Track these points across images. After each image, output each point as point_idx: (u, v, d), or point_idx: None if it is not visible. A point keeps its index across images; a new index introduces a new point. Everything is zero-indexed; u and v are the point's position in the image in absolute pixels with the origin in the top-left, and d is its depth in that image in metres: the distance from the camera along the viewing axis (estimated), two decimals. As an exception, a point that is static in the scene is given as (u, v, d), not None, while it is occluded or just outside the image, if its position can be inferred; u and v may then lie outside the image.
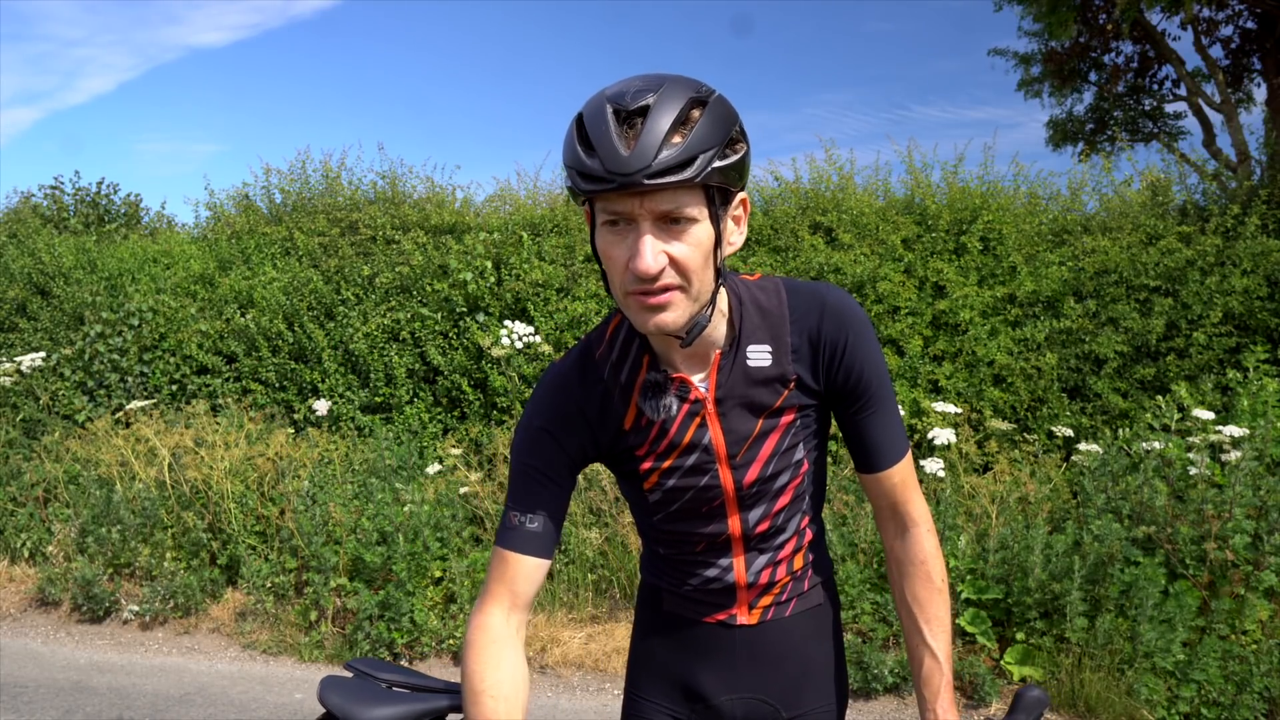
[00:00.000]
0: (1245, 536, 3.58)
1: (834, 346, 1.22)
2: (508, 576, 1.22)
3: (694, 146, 1.02)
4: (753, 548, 1.31)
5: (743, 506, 1.28)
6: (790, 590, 1.35)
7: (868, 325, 1.24)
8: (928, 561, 1.26)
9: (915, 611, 1.26)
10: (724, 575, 1.32)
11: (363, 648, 4.13)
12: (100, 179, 14.61)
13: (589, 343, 1.28)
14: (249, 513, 4.79)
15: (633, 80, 1.07)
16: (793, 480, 1.29)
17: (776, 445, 1.26)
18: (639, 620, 1.47)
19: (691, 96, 1.04)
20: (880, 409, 1.26)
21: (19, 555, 5.31)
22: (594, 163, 1.02)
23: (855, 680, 3.70)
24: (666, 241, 1.06)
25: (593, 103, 1.06)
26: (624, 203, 1.04)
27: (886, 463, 1.27)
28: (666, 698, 1.39)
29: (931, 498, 4.47)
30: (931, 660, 1.22)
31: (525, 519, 1.23)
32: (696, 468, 1.25)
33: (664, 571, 1.39)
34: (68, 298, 6.99)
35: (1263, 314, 4.90)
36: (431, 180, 7.25)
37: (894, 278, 5.34)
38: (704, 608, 1.35)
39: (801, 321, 1.23)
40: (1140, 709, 3.36)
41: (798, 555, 1.34)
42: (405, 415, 5.89)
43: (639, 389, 1.23)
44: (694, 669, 1.37)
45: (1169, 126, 13.97)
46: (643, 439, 1.25)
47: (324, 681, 1.61)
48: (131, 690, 3.96)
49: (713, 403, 1.22)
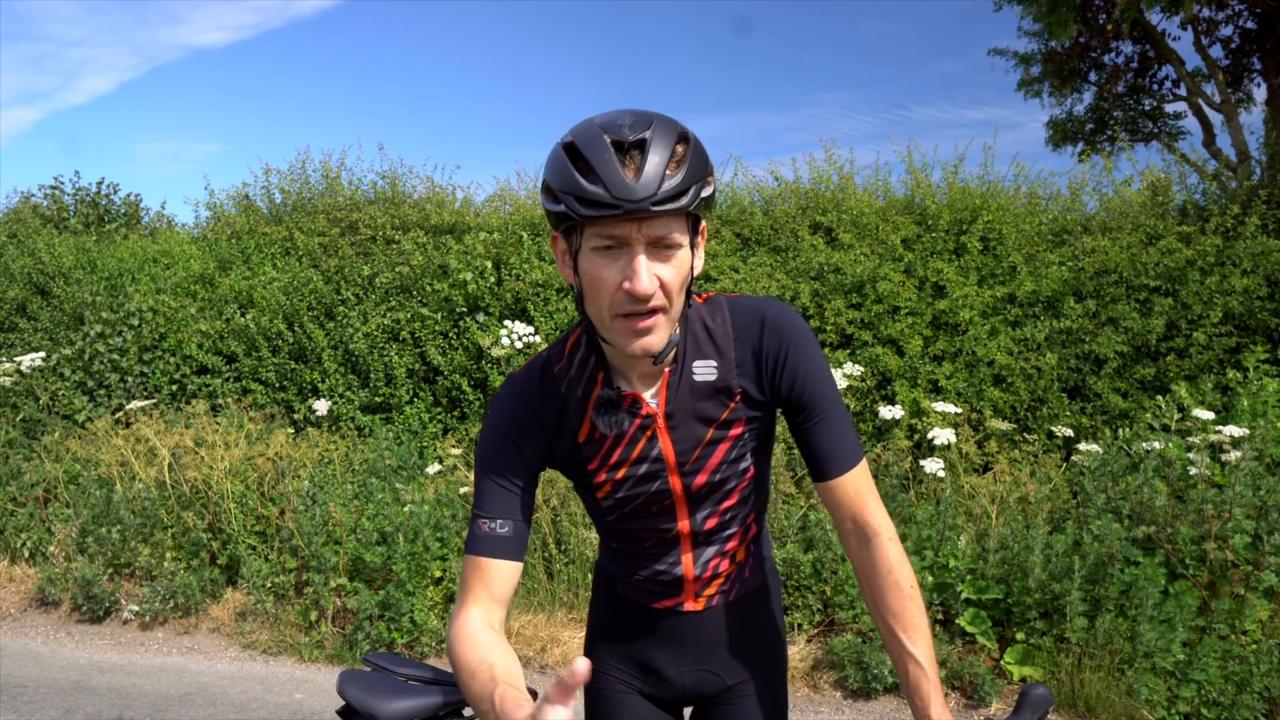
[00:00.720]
0: (1245, 536, 3.58)
1: (775, 358, 1.30)
2: (483, 581, 1.26)
3: (688, 179, 1.12)
4: (700, 544, 1.41)
5: (691, 508, 1.37)
6: (733, 579, 1.47)
7: (809, 338, 1.32)
8: (894, 570, 1.27)
9: (891, 622, 1.27)
10: (672, 569, 1.43)
11: (363, 648, 4.13)
12: (100, 179, 14.63)
13: (548, 357, 1.35)
14: (249, 513, 4.79)
15: (620, 114, 1.15)
16: (739, 485, 1.38)
17: (725, 455, 1.34)
18: (595, 600, 1.59)
19: (679, 132, 1.15)
20: (827, 418, 1.31)
21: (19, 555, 5.31)
22: (597, 189, 1.09)
23: (855, 680, 3.71)
24: (656, 265, 1.14)
25: (585, 133, 1.13)
26: (622, 228, 1.12)
27: (837, 470, 1.30)
28: (623, 669, 1.52)
29: (931, 498, 4.47)
30: (916, 668, 1.24)
31: (496, 525, 1.28)
32: (647, 476, 1.34)
33: (617, 562, 1.50)
34: (68, 298, 6.99)
35: (1263, 314, 4.90)
36: (431, 180, 7.26)
37: (894, 278, 5.34)
38: (653, 596, 1.46)
39: (743, 336, 1.31)
40: (1140, 709, 3.36)
41: (741, 549, 1.45)
42: (405, 415, 5.90)
43: (593, 404, 1.30)
44: (647, 647, 1.49)
45: (1169, 126, 13.97)
46: (595, 451, 1.33)
47: (343, 675, 1.66)
48: (131, 690, 3.96)
49: (663, 417, 1.31)
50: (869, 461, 4.61)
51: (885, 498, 4.32)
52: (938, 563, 3.92)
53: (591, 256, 1.16)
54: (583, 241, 1.17)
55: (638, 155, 1.11)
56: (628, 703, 1.50)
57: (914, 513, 4.20)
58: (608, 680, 1.52)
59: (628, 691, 1.51)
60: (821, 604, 4.08)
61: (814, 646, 3.99)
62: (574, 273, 1.21)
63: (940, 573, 3.89)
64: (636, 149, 1.11)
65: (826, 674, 3.85)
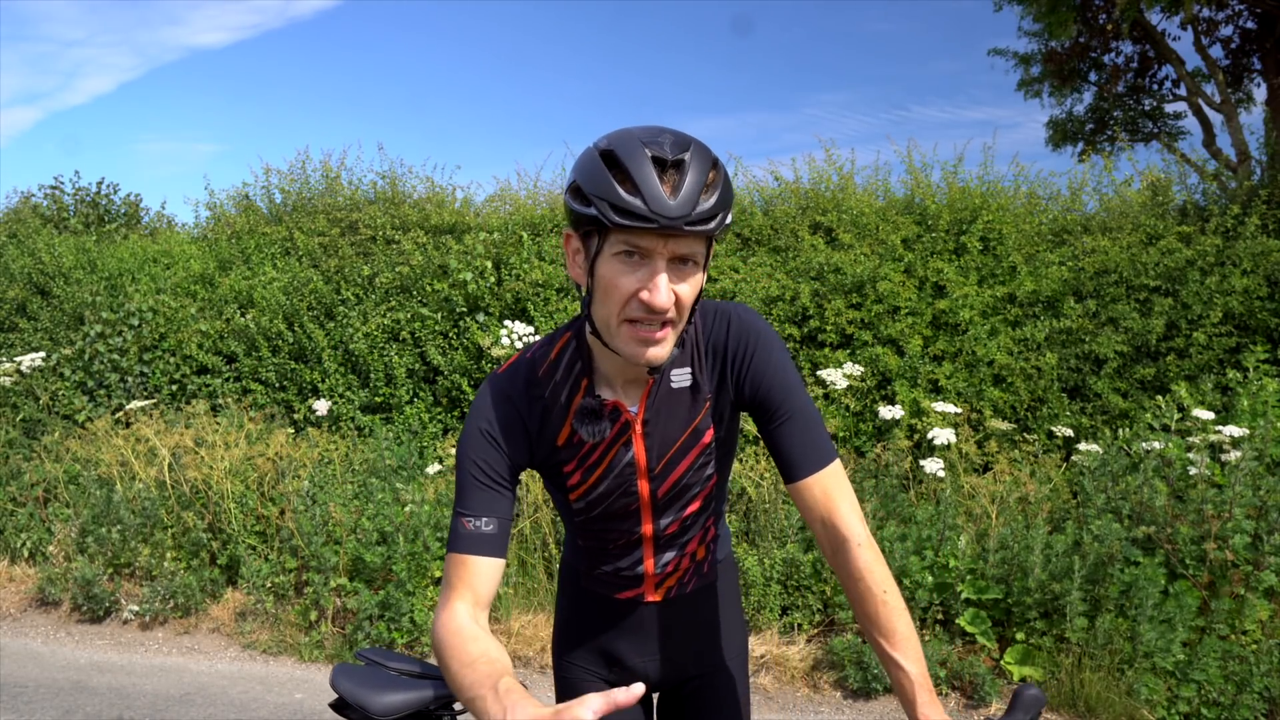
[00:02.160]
0: (1245, 536, 3.58)
1: (739, 359, 1.34)
2: (467, 579, 1.28)
3: (719, 205, 1.17)
4: (662, 547, 1.47)
5: (656, 513, 1.42)
6: (691, 574, 1.53)
7: (774, 340, 1.35)
8: (865, 577, 1.27)
9: (870, 628, 1.28)
10: (635, 567, 1.49)
11: (363, 648, 4.13)
12: (100, 179, 14.61)
13: (533, 359, 1.37)
14: (249, 513, 4.79)
15: (659, 131, 1.18)
16: (702, 491, 1.43)
17: (693, 462, 1.39)
18: (561, 594, 1.64)
19: (713, 159, 1.19)
20: (793, 419, 1.33)
21: (19, 555, 5.31)
22: (636, 201, 1.12)
23: (855, 680, 3.71)
24: (674, 280, 1.18)
25: (625, 144, 1.16)
26: (650, 240, 1.15)
27: (803, 472, 1.31)
28: (589, 661, 1.57)
29: (931, 498, 4.47)
30: (899, 671, 1.25)
31: (479, 523, 1.29)
32: (619, 480, 1.38)
33: (582, 557, 1.54)
34: (68, 298, 6.99)
35: (1263, 314, 4.90)
36: (431, 180, 7.25)
37: (894, 278, 5.34)
38: (616, 588, 1.52)
39: (711, 339, 1.35)
40: (1140, 709, 3.36)
41: (701, 548, 1.52)
42: (405, 415, 5.90)
43: (574, 411, 1.34)
44: (611, 637, 1.55)
45: (1169, 126, 13.96)
46: (573, 455, 1.37)
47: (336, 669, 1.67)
48: (131, 690, 3.96)
49: (640, 424, 1.35)
50: (869, 462, 4.64)
51: (885, 498, 4.32)
52: (938, 563, 3.92)
53: (612, 262, 1.18)
54: (605, 246, 1.19)
55: (675, 174, 1.14)
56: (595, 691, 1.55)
57: (914, 513, 4.20)
58: (575, 671, 1.57)
59: (595, 681, 1.56)
60: (821, 604, 4.08)
61: (814, 646, 3.99)
62: (586, 274, 1.23)
63: (940, 573, 3.89)
64: (675, 168, 1.14)
65: (826, 674, 3.85)
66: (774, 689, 3.84)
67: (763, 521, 4.35)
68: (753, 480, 4.50)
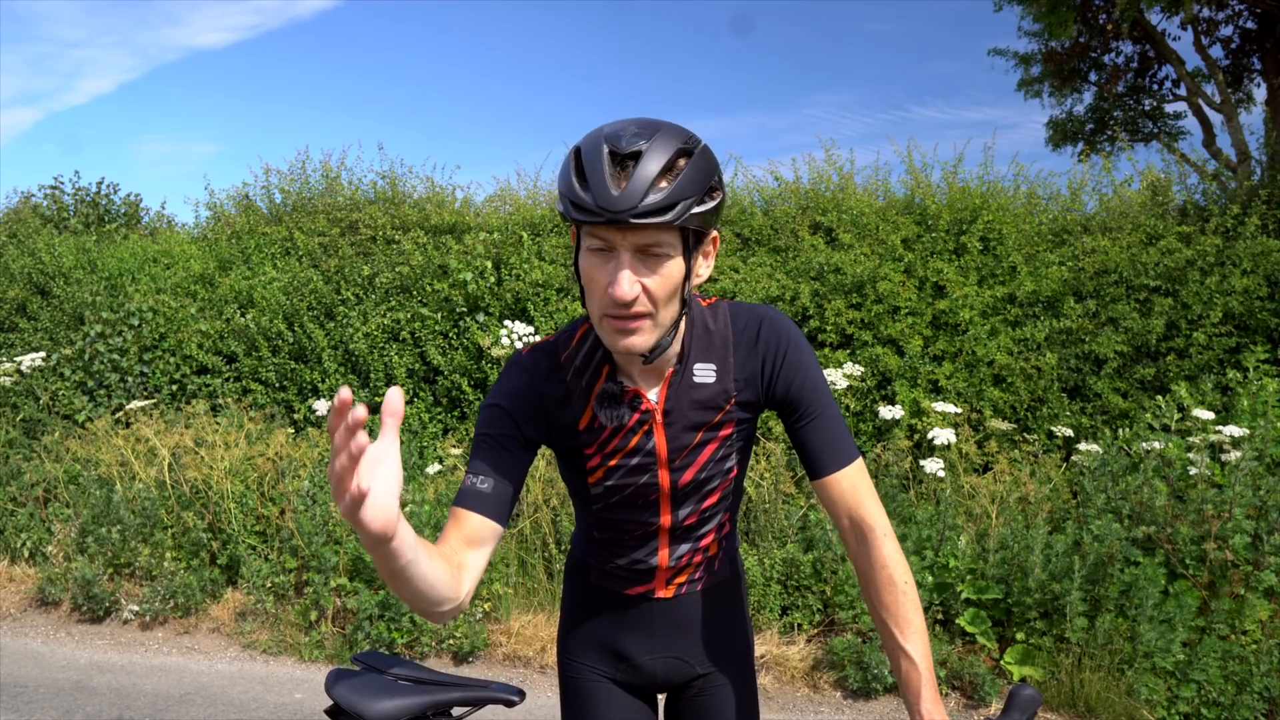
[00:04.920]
0: (1245, 536, 3.58)
1: (772, 360, 1.37)
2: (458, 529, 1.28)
3: (676, 194, 1.15)
4: (678, 539, 1.48)
5: (675, 504, 1.44)
6: (703, 571, 1.54)
7: (803, 341, 1.39)
8: (888, 566, 1.31)
9: (885, 618, 1.30)
10: (649, 559, 1.49)
11: (363, 648, 4.13)
12: (100, 179, 14.60)
13: (556, 343, 1.40)
14: (249, 513, 4.79)
15: (629, 123, 1.19)
16: (722, 484, 1.45)
17: (713, 454, 1.41)
18: (568, 591, 1.63)
19: (679, 147, 1.17)
20: (820, 417, 1.37)
21: (19, 555, 5.31)
22: (587, 196, 1.15)
23: (855, 680, 3.71)
24: (642, 272, 1.19)
25: (591, 140, 1.18)
26: (609, 234, 1.17)
27: (831, 468, 1.35)
28: (596, 659, 1.56)
29: (931, 498, 4.47)
30: (908, 662, 1.26)
31: (477, 480, 1.31)
32: (639, 468, 1.39)
33: (594, 550, 1.54)
34: (68, 298, 6.99)
35: (1263, 314, 4.90)
36: (431, 180, 7.24)
37: (894, 278, 5.34)
38: (626, 583, 1.52)
39: (742, 340, 1.37)
40: (1140, 709, 3.37)
41: (715, 544, 1.53)
42: (405, 415, 5.90)
43: (596, 396, 1.35)
44: (618, 634, 1.55)
45: (1169, 126, 13.97)
46: (593, 439, 1.38)
47: (332, 674, 1.65)
48: (131, 690, 3.96)
49: (661, 414, 1.37)
50: (869, 462, 4.64)
51: (885, 498, 4.32)
52: (938, 563, 3.92)
53: (588, 256, 1.22)
54: (582, 242, 1.22)
55: (631, 166, 1.14)
56: (602, 690, 1.56)
57: (914, 513, 4.20)
58: (582, 670, 1.57)
59: (601, 680, 1.56)
60: (821, 604, 4.08)
61: (814, 646, 3.99)
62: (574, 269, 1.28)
63: (940, 573, 3.89)
64: (631, 160, 1.15)
65: (826, 674, 3.86)
66: (774, 689, 3.84)
67: (763, 521, 4.35)
68: (753, 480, 4.50)
